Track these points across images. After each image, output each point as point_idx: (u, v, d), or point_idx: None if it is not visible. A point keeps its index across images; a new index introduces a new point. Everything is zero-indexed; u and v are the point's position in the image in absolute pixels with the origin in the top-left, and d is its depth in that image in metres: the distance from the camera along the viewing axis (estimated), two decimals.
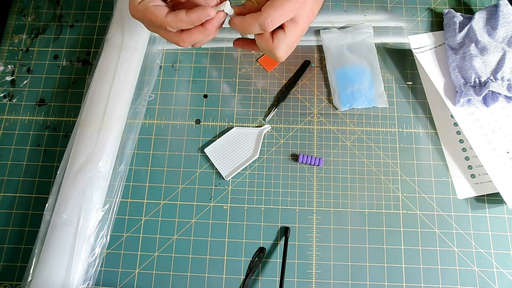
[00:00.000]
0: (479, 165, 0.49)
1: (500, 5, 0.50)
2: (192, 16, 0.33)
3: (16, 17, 0.58)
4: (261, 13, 0.35)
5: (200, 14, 0.33)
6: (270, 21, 0.35)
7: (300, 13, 0.36)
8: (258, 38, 0.38)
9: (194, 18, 0.33)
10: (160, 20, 0.33)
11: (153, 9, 0.33)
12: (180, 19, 0.33)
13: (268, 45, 0.37)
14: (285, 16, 0.35)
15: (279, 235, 0.48)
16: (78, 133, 0.48)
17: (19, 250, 0.48)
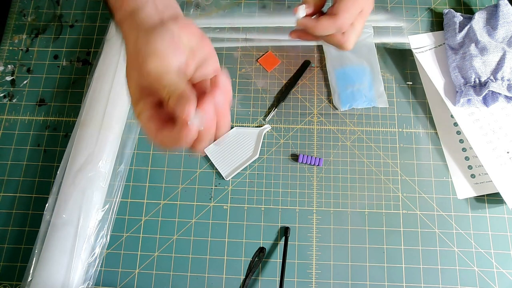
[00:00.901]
0: (479, 165, 0.49)
1: (500, 5, 0.50)
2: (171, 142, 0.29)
3: (16, 17, 0.58)
4: (338, 18, 0.38)
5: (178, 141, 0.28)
6: (347, 23, 0.39)
7: (365, 5, 0.40)
8: (330, 36, 0.41)
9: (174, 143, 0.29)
10: (150, 136, 0.30)
11: (147, 127, 0.29)
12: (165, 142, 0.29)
13: (338, 40, 0.41)
14: (356, 13, 0.39)
15: (279, 235, 0.48)
16: (78, 133, 0.48)
17: (19, 250, 0.48)
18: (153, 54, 0.29)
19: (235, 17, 0.57)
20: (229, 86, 0.30)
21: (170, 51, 0.29)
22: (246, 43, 0.55)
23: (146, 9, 0.31)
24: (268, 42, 0.55)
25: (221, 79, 0.29)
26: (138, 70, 0.29)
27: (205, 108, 0.27)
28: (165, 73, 0.28)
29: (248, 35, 0.56)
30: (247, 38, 0.56)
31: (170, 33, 0.30)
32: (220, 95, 0.28)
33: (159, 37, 0.29)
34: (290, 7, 0.57)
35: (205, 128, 0.28)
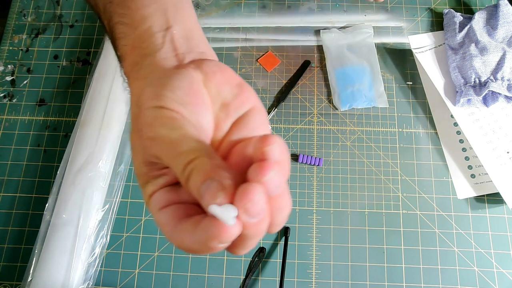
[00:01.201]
0: (479, 165, 0.49)
1: (500, 5, 0.50)
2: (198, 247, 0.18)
3: (16, 17, 0.58)
4: None
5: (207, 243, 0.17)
6: None
7: None
8: None
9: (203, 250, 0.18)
10: (166, 235, 0.20)
11: (159, 220, 0.20)
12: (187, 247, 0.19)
13: None
14: None
15: (279, 235, 0.48)
16: (78, 133, 0.48)
17: (19, 250, 0.48)
18: (161, 110, 0.20)
19: (235, 17, 0.57)
20: (287, 156, 0.18)
21: (187, 105, 0.20)
22: (246, 43, 0.55)
23: (160, 51, 0.23)
24: (268, 42, 0.55)
25: (273, 148, 0.17)
26: (139, 135, 0.21)
27: (252, 199, 0.16)
28: (180, 137, 0.19)
29: (248, 35, 0.56)
30: (247, 38, 0.56)
31: (188, 80, 0.21)
32: (273, 173, 0.17)
33: (171, 86, 0.20)
34: (290, 7, 0.57)
35: (251, 226, 0.17)
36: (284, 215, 0.19)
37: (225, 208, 0.16)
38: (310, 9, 0.57)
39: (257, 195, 0.16)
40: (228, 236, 0.16)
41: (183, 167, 0.18)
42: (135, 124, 0.21)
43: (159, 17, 0.24)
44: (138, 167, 0.21)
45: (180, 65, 0.22)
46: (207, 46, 0.25)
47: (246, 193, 0.16)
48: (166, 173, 0.21)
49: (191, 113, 0.20)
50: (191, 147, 0.18)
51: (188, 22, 0.25)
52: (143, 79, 0.22)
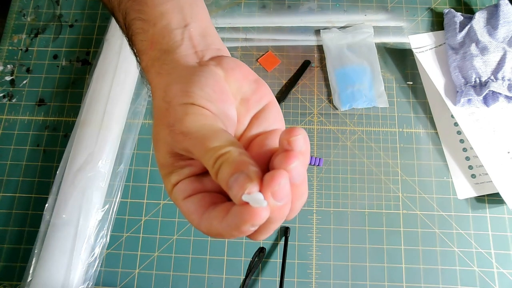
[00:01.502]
0: (479, 165, 0.49)
1: (501, 5, 0.50)
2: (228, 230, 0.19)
3: (15, 17, 0.58)
4: None
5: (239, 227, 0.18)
6: None
7: None
8: None
9: (234, 233, 0.19)
10: (192, 222, 0.21)
11: (184, 209, 0.21)
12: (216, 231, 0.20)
13: None
14: None
15: (279, 235, 0.48)
16: (78, 133, 0.48)
17: (19, 250, 0.48)
18: (192, 106, 0.21)
19: (235, 17, 0.57)
20: (309, 147, 0.20)
21: (215, 102, 0.21)
22: (246, 43, 0.55)
23: (180, 49, 0.24)
24: (268, 42, 0.55)
25: (298, 139, 0.18)
26: (170, 129, 0.21)
27: (279, 183, 0.17)
28: (210, 132, 0.20)
29: (248, 35, 0.56)
30: (247, 38, 0.56)
31: (214, 78, 0.22)
32: (298, 162, 0.18)
33: (199, 83, 0.22)
34: (290, 7, 0.57)
35: (277, 210, 0.18)
36: (302, 201, 0.21)
37: (255, 195, 0.17)
38: (310, 9, 0.57)
39: (284, 179, 0.17)
40: (260, 218, 0.17)
41: (213, 161, 0.19)
42: (162, 118, 0.22)
43: (176, 14, 0.24)
44: (162, 158, 0.22)
45: (201, 62, 0.23)
46: (221, 43, 0.26)
47: (274, 178, 0.17)
48: (192, 164, 0.22)
49: (219, 109, 0.21)
50: (220, 142, 0.19)
51: (203, 19, 0.26)
52: (168, 75, 0.23)
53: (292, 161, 0.18)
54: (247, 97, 0.23)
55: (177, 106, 0.21)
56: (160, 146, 0.22)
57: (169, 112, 0.21)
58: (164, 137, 0.21)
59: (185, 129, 0.20)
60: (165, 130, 0.21)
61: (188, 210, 0.21)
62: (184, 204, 0.21)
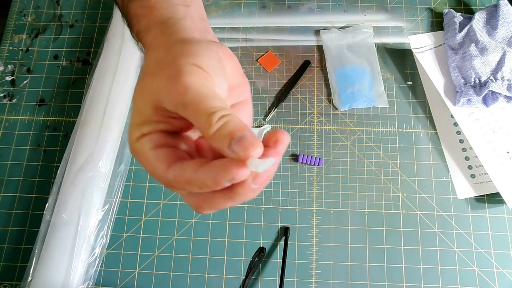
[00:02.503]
0: (479, 165, 0.49)
1: (500, 5, 0.50)
2: (203, 177, 0.19)
3: (16, 17, 0.58)
4: None
5: (217, 176, 0.19)
6: None
7: None
8: None
9: (207, 181, 0.19)
10: (158, 176, 0.21)
11: (150, 157, 0.21)
12: (186, 178, 0.20)
13: None
14: None
15: (279, 235, 0.48)
16: (78, 133, 0.48)
17: (19, 250, 0.48)
18: (197, 68, 0.21)
19: (235, 17, 0.57)
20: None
21: (217, 76, 0.22)
22: (246, 43, 0.55)
23: (184, 22, 0.25)
24: (268, 42, 0.55)
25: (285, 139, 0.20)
26: (171, 80, 0.21)
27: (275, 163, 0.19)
28: (213, 93, 0.21)
29: (248, 35, 0.56)
30: (247, 38, 0.56)
31: (218, 56, 0.23)
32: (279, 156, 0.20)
33: (206, 53, 0.22)
34: (290, 7, 0.57)
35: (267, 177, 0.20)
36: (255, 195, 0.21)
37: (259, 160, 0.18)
38: (310, 9, 0.57)
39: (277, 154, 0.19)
40: (243, 175, 0.18)
41: (216, 118, 0.19)
42: (163, 70, 0.22)
43: None
44: (144, 107, 0.22)
45: (205, 40, 0.24)
46: (213, 33, 0.28)
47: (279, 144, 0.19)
48: (170, 122, 0.22)
49: (219, 83, 0.22)
50: (223, 104, 0.20)
51: (200, 5, 0.28)
52: (173, 36, 0.24)
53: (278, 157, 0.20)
54: (234, 86, 0.24)
55: (183, 62, 0.21)
56: (145, 96, 0.22)
57: (173, 65, 0.21)
58: (156, 88, 0.21)
59: (189, 83, 0.20)
60: (162, 81, 0.21)
61: (157, 157, 0.21)
62: (153, 152, 0.21)
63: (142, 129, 0.22)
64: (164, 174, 0.21)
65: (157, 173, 0.21)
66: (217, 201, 0.21)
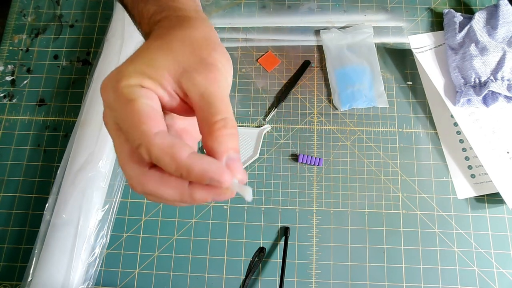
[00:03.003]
0: (479, 165, 0.49)
1: (500, 5, 0.50)
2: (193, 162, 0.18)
3: (16, 17, 0.58)
4: None
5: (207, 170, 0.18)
6: None
7: None
8: None
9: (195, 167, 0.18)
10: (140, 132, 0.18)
11: (141, 108, 0.19)
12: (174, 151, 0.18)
13: None
14: None
15: (279, 235, 0.48)
16: (78, 133, 0.48)
17: (19, 250, 0.48)
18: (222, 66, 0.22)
19: (235, 17, 0.57)
20: None
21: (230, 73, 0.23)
22: (246, 43, 0.55)
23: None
24: (268, 42, 0.55)
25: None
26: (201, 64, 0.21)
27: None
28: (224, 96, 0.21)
29: (248, 35, 0.56)
30: (247, 38, 0.56)
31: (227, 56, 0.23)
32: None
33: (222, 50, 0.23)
34: (290, 7, 0.57)
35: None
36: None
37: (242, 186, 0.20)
38: (310, 9, 0.57)
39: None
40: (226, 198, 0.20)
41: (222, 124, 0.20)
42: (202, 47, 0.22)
43: None
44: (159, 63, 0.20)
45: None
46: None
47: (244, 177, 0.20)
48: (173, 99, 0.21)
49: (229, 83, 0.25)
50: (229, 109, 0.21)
51: None
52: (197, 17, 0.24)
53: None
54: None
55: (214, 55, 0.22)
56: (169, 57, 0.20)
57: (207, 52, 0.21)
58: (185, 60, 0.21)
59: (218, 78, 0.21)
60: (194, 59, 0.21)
61: (150, 114, 0.19)
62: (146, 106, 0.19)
63: (144, 81, 0.19)
64: (149, 134, 0.18)
65: (140, 128, 0.18)
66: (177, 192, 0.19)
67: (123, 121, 0.19)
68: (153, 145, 0.18)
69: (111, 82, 0.19)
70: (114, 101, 0.19)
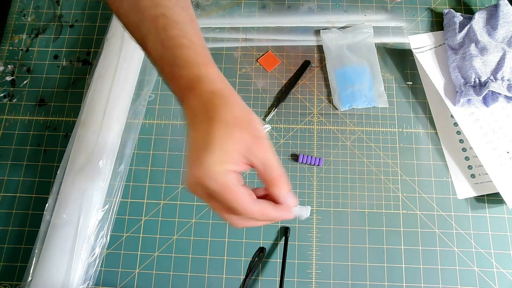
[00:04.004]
0: (479, 165, 0.49)
1: (500, 5, 0.50)
2: (277, 215, 0.29)
3: (16, 17, 0.58)
4: None
5: (282, 216, 0.29)
6: None
7: None
8: None
9: (277, 217, 0.29)
10: (243, 208, 0.27)
11: (238, 191, 0.27)
12: (266, 215, 0.28)
13: None
14: None
15: (279, 235, 0.48)
16: (78, 133, 0.48)
17: (19, 250, 0.48)
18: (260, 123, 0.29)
19: (235, 17, 0.57)
20: None
21: None
22: (246, 43, 0.55)
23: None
24: (268, 42, 0.55)
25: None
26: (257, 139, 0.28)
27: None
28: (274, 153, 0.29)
29: (248, 35, 0.56)
30: (247, 38, 0.56)
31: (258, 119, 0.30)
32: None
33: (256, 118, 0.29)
34: (290, 7, 0.57)
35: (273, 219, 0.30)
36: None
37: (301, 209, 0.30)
38: (310, 9, 0.57)
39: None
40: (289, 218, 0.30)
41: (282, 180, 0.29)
42: (245, 126, 0.28)
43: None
44: (230, 149, 0.27)
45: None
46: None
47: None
48: (244, 166, 0.28)
49: None
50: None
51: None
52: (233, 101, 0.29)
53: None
54: None
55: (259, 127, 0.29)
56: (235, 142, 0.27)
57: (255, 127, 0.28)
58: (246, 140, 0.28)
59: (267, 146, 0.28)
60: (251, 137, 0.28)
61: (246, 193, 0.27)
62: (243, 189, 0.27)
63: (227, 166, 0.27)
64: (251, 206, 0.27)
65: (244, 204, 0.27)
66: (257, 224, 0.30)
67: (224, 199, 0.27)
68: (252, 213, 0.28)
69: (203, 175, 0.26)
70: (214, 188, 0.27)
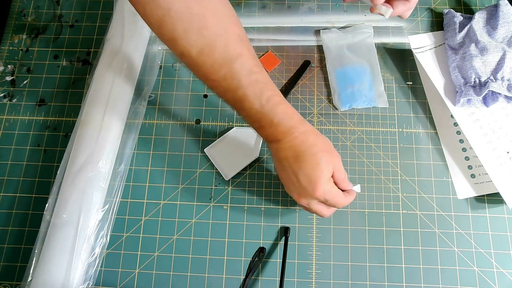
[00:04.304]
0: (479, 165, 0.49)
1: (500, 5, 0.50)
2: (351, 199, 0.41)
3: (16, 17, 0.58)
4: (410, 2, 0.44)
5: (352, 199, 0.41)
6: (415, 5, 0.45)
7: None
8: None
9: (350, 201, 0.41)
10: (343, 204, 0.40)
11: (341, 194, 0.39)
12: (348, 203, 0.40)
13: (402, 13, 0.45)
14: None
15: (279, 235, 0.48)
16: (78, 133, 0.48)
17: (19, 250, 0.48)
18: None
19: None
20: None
21: None
22: None
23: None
24: (268, 42, 0.55)
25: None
26: (338, 161, 0.39)
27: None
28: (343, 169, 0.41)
29: (248, 35, 0.56)
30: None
31: None
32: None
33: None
34: (290, 7, 0.57)
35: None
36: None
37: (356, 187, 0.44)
38: (310, 9, 0.57)
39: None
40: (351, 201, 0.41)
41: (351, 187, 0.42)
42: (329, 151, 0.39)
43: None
44: (328, 169, 0.38)
45: None
46: None
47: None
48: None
49: None
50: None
51: None
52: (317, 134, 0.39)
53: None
54: None
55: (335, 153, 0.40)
56: (329, 164, 0.38)
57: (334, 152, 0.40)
58: (334, 162, 0.38)
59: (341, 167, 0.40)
60: (336, 159, 0.39)
61: (342, 194, 0.40)
62: (340, 192, 0.39)
63: (330, 180, 0.38)
64: (345, 201, 0.40)
65: (343, 202, 0.39)
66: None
67: (333, 203, 0.39)
68: (344, 205, 0.40)
69: (321, 194, 0.38)
70: (329, 198, 0.38)
